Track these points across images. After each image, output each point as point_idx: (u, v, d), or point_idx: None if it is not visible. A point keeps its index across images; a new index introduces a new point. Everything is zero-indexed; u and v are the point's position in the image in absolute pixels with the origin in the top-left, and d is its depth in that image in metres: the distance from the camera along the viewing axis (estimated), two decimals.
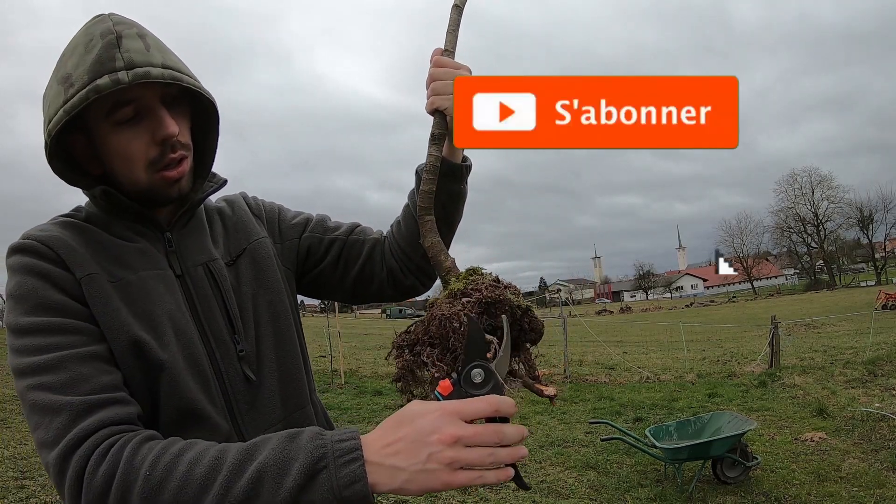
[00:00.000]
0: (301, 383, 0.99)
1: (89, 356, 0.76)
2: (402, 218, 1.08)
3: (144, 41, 0.83)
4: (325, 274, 1.10)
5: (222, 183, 1.00)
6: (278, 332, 0.97)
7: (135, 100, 0.82)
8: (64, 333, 0.76)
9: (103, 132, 0.84)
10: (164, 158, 0.85)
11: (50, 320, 0.76)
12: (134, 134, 0.84)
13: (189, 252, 0.93)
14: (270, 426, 0.92)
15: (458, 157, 1.00)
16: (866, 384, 7.90)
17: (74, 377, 0.73)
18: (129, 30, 0.83)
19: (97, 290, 0.80)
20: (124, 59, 0.79)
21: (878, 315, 15.45)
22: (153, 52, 0.82)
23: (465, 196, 1.03)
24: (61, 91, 0.81)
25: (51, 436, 0.70)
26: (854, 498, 4.11)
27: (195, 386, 0.84)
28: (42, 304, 0.77)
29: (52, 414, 0.71)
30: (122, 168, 0.86)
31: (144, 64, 0.80)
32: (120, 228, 0.89)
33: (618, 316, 42.52)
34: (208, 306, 0.90)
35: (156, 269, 0.88)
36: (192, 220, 0.96)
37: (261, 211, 1.08)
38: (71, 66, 0.81)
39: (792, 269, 74.79)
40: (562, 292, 46.69)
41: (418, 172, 1.01)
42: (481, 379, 0.66)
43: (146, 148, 0.84)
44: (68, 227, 0.86)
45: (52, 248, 0.80)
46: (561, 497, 4.37)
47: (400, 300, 1.15)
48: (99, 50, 0.80)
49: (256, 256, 0.99)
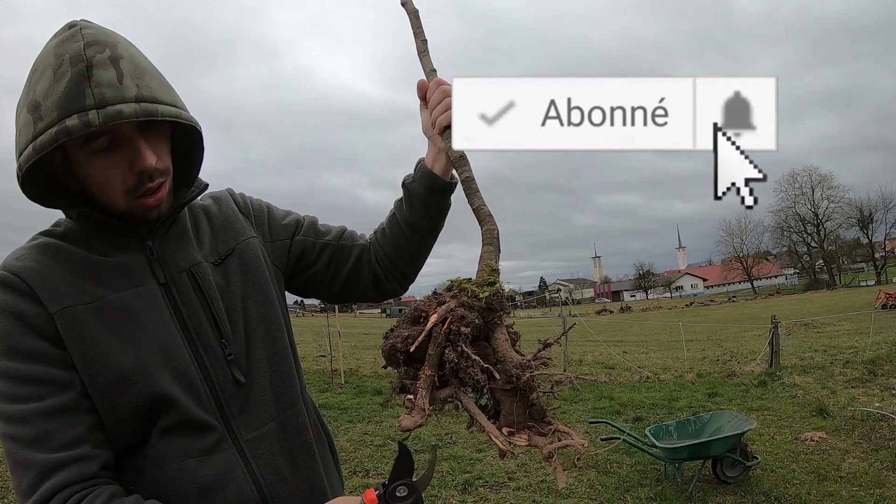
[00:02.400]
0: (292, 382, 0.99)
1: (56, 410, 0.79)
2: (388, 226, 1.13)
3: (118, 68, 0.78)
4: (316, 277, 1.12)
5: (204, 187, 0.99)
6: (268, 333, 0.97)
7: (110, 131, 0.79)
8: (33, 384, 0.79)
9: (80, 160, 0.82)
10: (142, 187, 0.84)
11: (20, 367, 0.79)
12: (111, 162, 0.82)
13: (172, 259, 0.92)
14: (263, 425, 0.93)
15: (448, 174, 1.07)
16: (866, 384, 7.89)
17: (41, 433, 0.78)
18: (100, 54, 0.78)
19: (71, 325, 0.81)
20: (95, 95, 0.75)
21: (878, 315, 15.45)
22: (126, 83, 0.78)
23: (449, 208, 1.12)
24: (31, 122, 0.78)
25: (23, 488, 0.78)
26: (854, 498, 4.11)
27: (186, 397, 0.85)
28: (14, 348, 0.79)
29: (23, 468, 0.78)
30: (99, 194, 0.85)
31: (116, 101, 0.76)
32: (99, 244, 0.88)
33: (618, 315, 42.52)
34: (194, 313, 0.90)
35: (136, 285, 0.87)
36: (173, 225, 0.95)
37: (249, 209, 1.07)
38: (40, 94, 0.78)
39: (792, 269, 74.85)
40: (562, 292, 46.70)
41: (405, 185, 1.09)
42: (405, 494, 0.76)
43: (124, 177, 0.83)
44: (45, 252, 0.85)
45: (26, 281, 0.81)
46: (561, 497, 4.37)
47: (380, 301, 1.23)
48: (68, 82, 0.76)
49: (245, 256, 0.99)
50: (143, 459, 0.85)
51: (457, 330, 0.71)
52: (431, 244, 1.14)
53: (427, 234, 1.11)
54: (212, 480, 0.85)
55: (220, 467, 0.86)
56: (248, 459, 0.90)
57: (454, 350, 0.70)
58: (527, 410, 0.70)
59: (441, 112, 0.98)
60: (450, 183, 1.07)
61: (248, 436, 0.91)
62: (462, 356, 0.70)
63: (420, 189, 1.06)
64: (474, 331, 0.72)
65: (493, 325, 0.74)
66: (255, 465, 0.90)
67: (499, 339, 0.73)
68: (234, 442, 0.89)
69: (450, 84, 0.97)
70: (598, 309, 55.55)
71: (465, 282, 0.77)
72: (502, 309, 0.75)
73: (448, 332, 0.72)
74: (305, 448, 0.98)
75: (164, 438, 0.84)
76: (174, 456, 0.84)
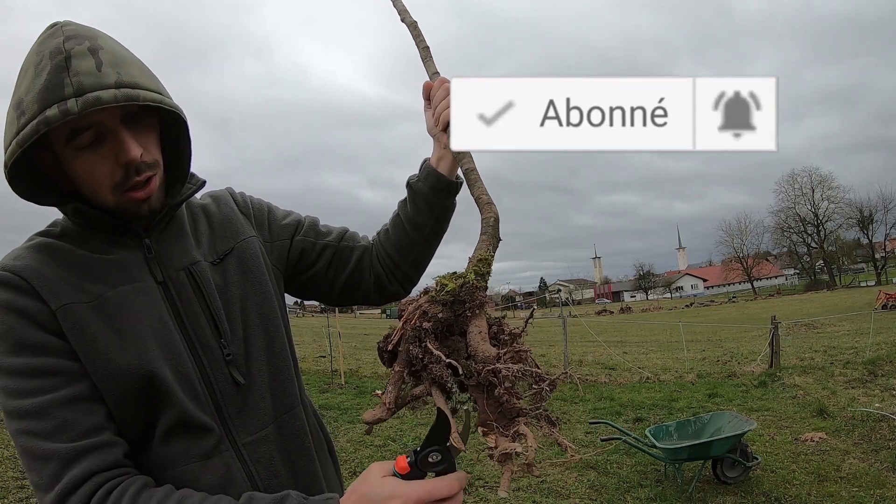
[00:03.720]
0: (291, 384, 0.98)
1: (71, 399, 0.77)
2: (392, 226, 1.12)
3: (97, 57, 0.77)
4: (316, 278, 1.11)
5: (201, 184, 0.98)
6: (268, 333, 0.96)
7: (94, 124, 0.79)
8: (45, 376, 0.77)
9: (66, 157, 0.82)
10: (130, 181, 0.83)
11: (29, 361, 0.77)
12: (96, 157, 0.81)
13: (170, 257, 0.91)
14: (261, 428, 0.92)
15: (454, 173, 1.06)
16: (866, 384, 7.89)
17: (59, 424, 0.76)
18: (79, 46, 0.77)
19: (73, 322, 0.80)
20: (73, 84, 0.75)
21: (878, 315, 15.44)
22: (106, 70, 0.77)
23: (454, 209, 1.11)
24: (14, 119, 0.78)
25: (44, 481, 0.74)
26: (854, 498, 4.11)
27: (184, 396, 0.84)
28: (21, 343, 0.78)
29: (43, 461, 0.74)
30: (88, 190, 0.85)
31: (94, 87, 0.75)
32: (96, 242, 0.87)
33: (618, 316, 42.51)
34: (192, 312, 0.89)
35: (134, 281, 0.86)
36: (171, 223, 0.94)
37: (248, 208, 1.07)
38: (23, 91, 0.78)
39: (792, 269, 74.83)
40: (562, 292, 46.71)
41: (410, 184, 1.08)
42: (437, 459, 0.73)
43: (110, 171, 0.82)
44: (42, 251, 0.84)
45: (26, 279, 0.80)
46: (561, 497, 4.37)
47: (382, 304, 1.20)
48: (47, 74, 0.76)
49: (244, 256, 0.98)
50: (148, 463, 0.84)
51: (419, 326, 0.70)
52: (436, 246, 1.13)
53: (431, 235, 1.10)
54: (214, 485, 0.84)
55: (221, 472, 0.85)
56: (247, 463, 0.89)
57: (419, 346, 0.70)
58: (498, 408, 0.67)
59: (445, 108, 0.98)
60: (455, 182, 1.06)
61: (246, 439, 0.90)
62: (426, 352, 0.69)
63: (425, 188, 1.05)
64: (439, 325, 0.70)
65: (467, 317, 0.71)
66: (254, 469, 0.89)
67: (472, 333, 0.70)
68: (233, 444, 0.88)
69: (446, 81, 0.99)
70: (599, 309, 55.51)
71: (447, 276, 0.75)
72: (473, 300, 0.71)
73: (414, 328, 0.71)
74: (304, 452, 0.97)
75: (166, 441, 0.83)
76: (176, 460, 0.83)
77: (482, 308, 0.72)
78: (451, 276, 0.75)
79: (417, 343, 0.70)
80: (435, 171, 1.05)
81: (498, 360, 0.66)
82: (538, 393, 0.67)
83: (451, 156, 1.02)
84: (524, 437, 0.65)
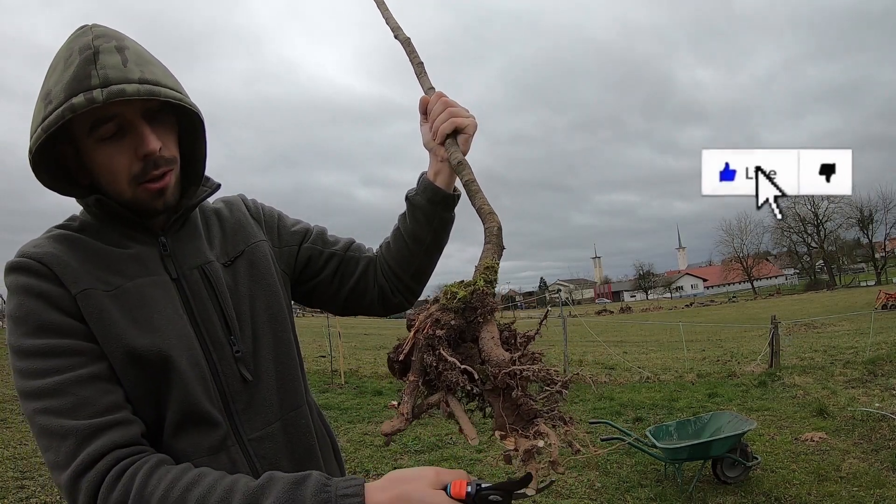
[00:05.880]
0: (297, 383, 1.01)
1: (90, 377, 0.78)
2: (392, 239, 1.14)
3: (123, 55, 0.82)
4: (321, 286, 1.13)
5: (216, 187, 1.01)
6: (275, 333, 0.99)
7: (116, 116, 0.83)
8: (64, 356, 0.78)
9: (88, 147, 0.85)
10: (147, 174, 0.86)
11: (49, 342, 0.78)
12: (117, 149, 0.85)
13: (184, 255, 0.94)
14: (267, 425, 0.94)
15: (451, 186, 1.07)
16: (866, 384, 7.90)
17: (78, 401, 0.76)
18: (107, 44, 0.83)
19: (92, 306, 0.82)
20: (100, 75, 0.79)
21: (878, 315, 15.46)
22: (131, 67, 0.82)
23: (453, 221, 1.12)
24: (42, 108, 0.82)
25: (61, 459, 0.75)
26: (854, 498, 4.11)
27: (197, 387, 0.86)
28: (41, 325, 0.79)
29: (60, 438, 0.75)
30: (106, 182, 0.87)
31: (120, 80, 0.80)
32: (114, 236, 0.90)
33: (618, 316, 42.52)
34: (204, 308, 0.92)
35: (151, 275, 0.89)
36: (186, 223, 0.98)
37: (260, 214, 1.10)
38: (52, 83, 0.82)
39: (792, 269, 74.83)
40: (562, 292, 46.71)
41: (408, 198, 1.09)
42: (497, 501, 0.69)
43: (129, 163, 0.85)
44: (62, 241, 0.87)
45: (46, 265, 0.82)
46: (561, 497, 4.37)
47: (386, 315, 1.20)
48: (76, 67, 0.80)
49: (254, 259, 1.01)
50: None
51: (432, 334, 0.71)
52: (436, 258, 1.15)
53: (431, 247, 1.11)
54: None
55: (227, 467, 0.86)
56: (253, 459, 0.91)
57: (433, 354, 0.70)
58: (515, 411, 0.67)
59: (443, 121, 1.00)
60: (452, 195, 1.08)
61: (252, 435, 0.91)
62: (440, 360, 0.69)
63: (423, 201, 1.07)
64: (452, 332, 0.71)
65: (478, 324, 0.72)
66: (259, 465, 0.91)
67: (484, 339, 0.71)
68: (238, 440, 0.90)
69: (449, 97, 1.02)
70: (599, 309, 55.52)
71: (455, 285, 0.77)
72: (484, 306, 0.72)
73: (427, 336, 0.71)
74: (308, 450, 0.99)
75: (176, 435, 0.85)
76: (186, 454, 0.85)
77: (493, 314, 0.73)
78: (459, 285, 0.76)
79: (431, 351, 0.71)
80: (432, 185, 1.06)
81: (513, 363, 0.67)
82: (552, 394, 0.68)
83: (448, 168, 1.04)
84: (546, 436, 0.65)
